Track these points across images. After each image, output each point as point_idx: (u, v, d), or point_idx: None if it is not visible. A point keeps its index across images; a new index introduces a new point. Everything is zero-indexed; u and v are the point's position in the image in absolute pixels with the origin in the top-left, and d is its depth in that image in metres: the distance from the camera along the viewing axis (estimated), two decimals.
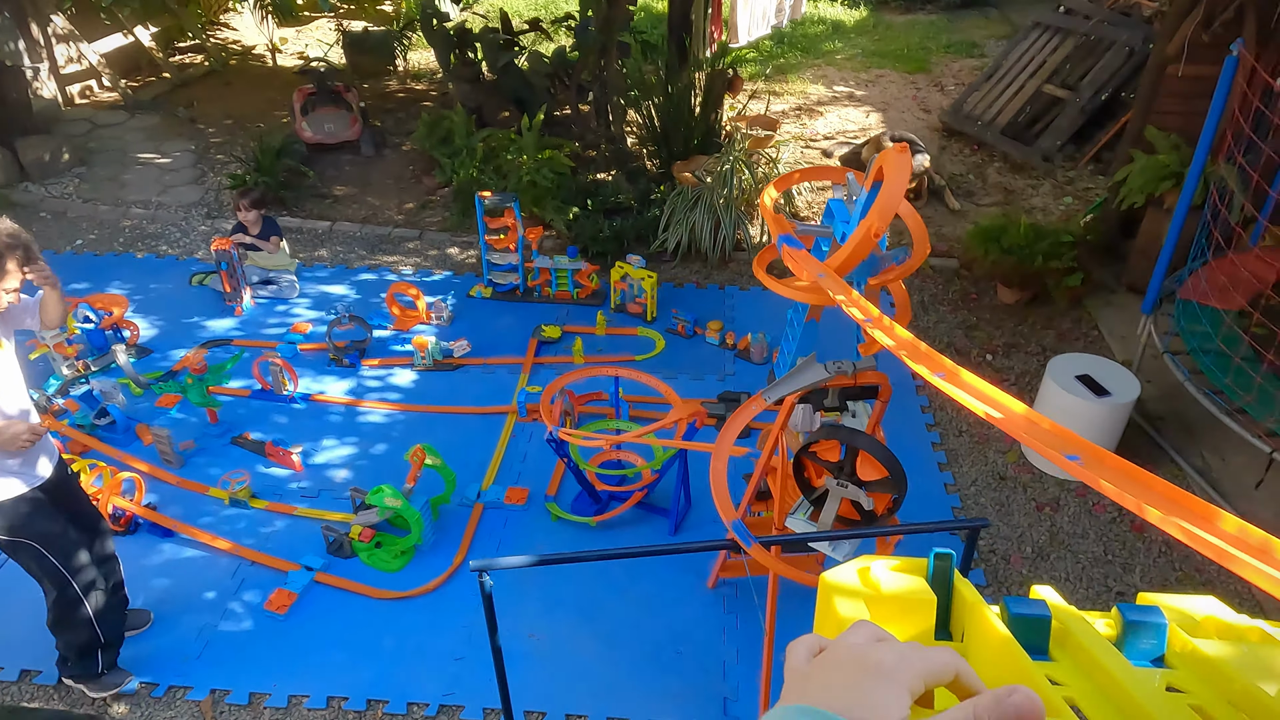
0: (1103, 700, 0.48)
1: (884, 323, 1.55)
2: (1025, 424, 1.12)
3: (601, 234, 5.81)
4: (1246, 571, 0.63)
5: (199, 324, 5.23)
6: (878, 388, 2.40)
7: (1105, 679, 0.48)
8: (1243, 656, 0.51)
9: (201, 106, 8.01)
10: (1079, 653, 0.51)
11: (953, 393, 1.25)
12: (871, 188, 2.07)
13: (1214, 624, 0.54)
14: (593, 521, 3.84)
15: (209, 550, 3.75)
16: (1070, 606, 0.56)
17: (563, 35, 9.10)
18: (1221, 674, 0.49)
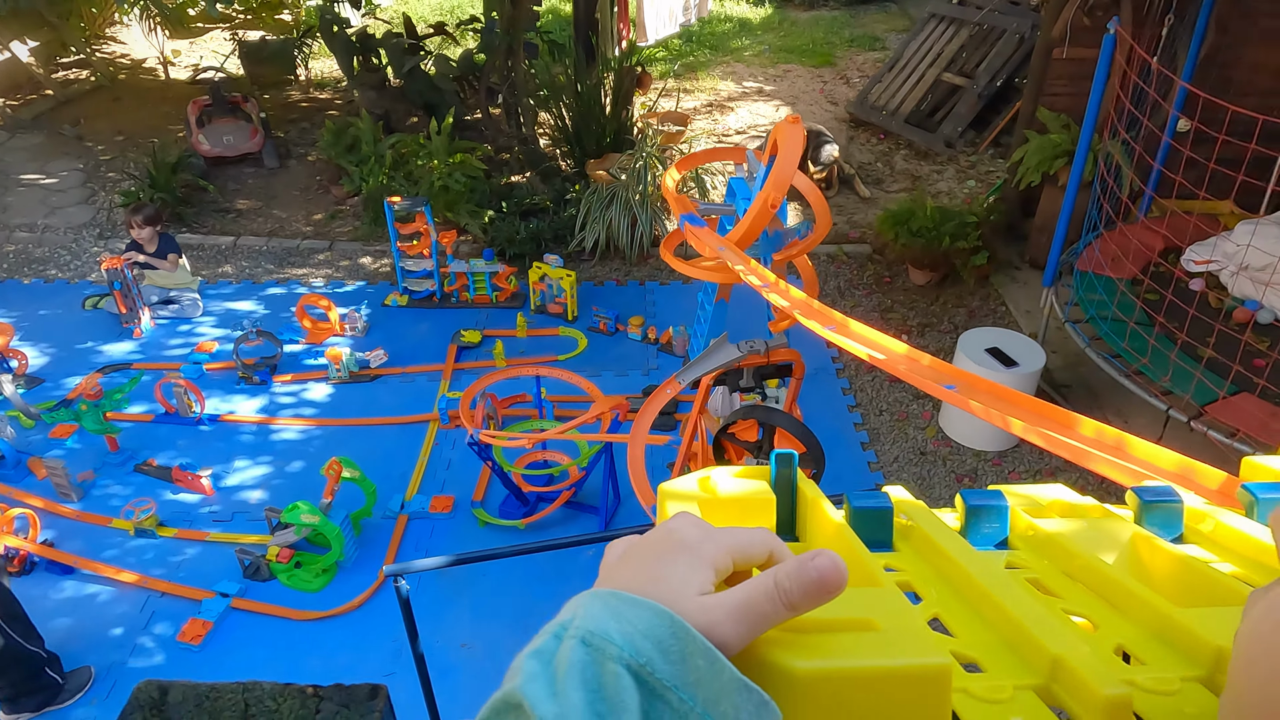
0: (940, 582, 0.47)
1: (779, 286, 1.56)
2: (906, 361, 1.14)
3: (518, 236, 5.74)
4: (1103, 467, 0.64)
5: (94, 349, 4.96)
6: (791, 365, 2.41)
7: (943, 562, 0.47)
8: (1081, 531, 0.51)
9: (89, 124, 7.62)
10: (921, 541, 0.50)
11: (843, 343, 1.26)
12: (768, 161, 2.09)
13: (1058, 506, 0.54)
14: (521, 524, 3.78)
15: (114, 584, 3.54)
16: (919, 501, 0.55)
17: (469, 39, 8.99)
18: (1058, 547, 0.49)
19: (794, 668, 0.36)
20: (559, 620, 0.36)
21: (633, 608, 0.36)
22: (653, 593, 0.36)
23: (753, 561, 0.40)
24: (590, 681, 0.33)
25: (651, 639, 0.34)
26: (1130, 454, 0.64)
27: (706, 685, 0.34)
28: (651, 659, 0.34)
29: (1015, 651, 0.41)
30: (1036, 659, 0.39)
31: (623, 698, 0.33)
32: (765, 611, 0.36)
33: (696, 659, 0.34)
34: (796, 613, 0.37)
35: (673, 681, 0.34)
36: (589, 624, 0.35)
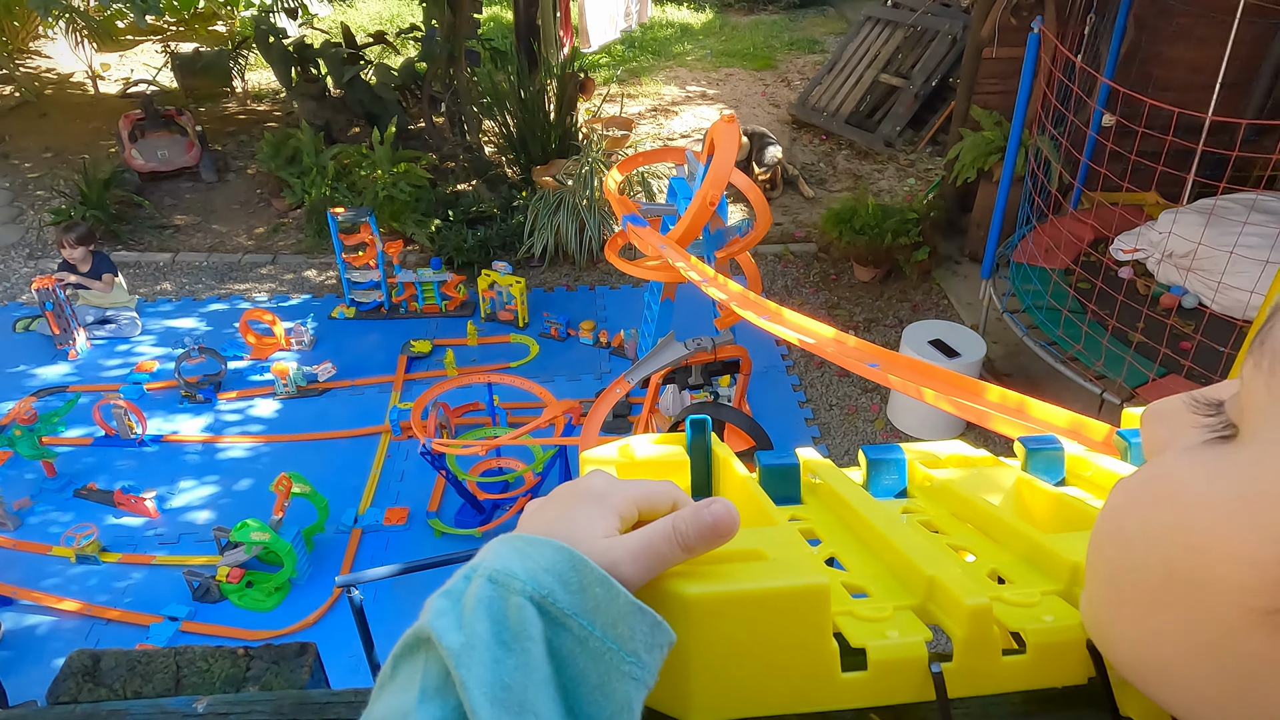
0: (841, 529, 0.50)
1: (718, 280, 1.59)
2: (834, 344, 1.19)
3: (466, 244, 5.71)
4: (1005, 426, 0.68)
5: (27, 372, 4.79)
6: (739, 361, 2.45)
7: (844, 509, 0.50)
8: (971, 478, 0.55)
9: (15, 140, 7.37)
10: (826, 494, 0.54)
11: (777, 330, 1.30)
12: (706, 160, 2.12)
13: (954, 460, 0.58)
14: (478, 533, 3.76)
15: (55, 614, 3.43)
16: (827, 460, 0.58)
17: (410, 48, 8.92)
18: (950, 494, 0.53)
19: (685, 593, 0.39)
20: (469, 564, 0.38)
21: (537, 547, 0.38)
22: (558, 534, 0.39)
23: (658, 510, 0.43)
24: (496, 614, 0.35)
25: (553, 573, 0.37)
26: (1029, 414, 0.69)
27: (604, 611, 0.36)
28: (553, 590, 0.36)
29: (899, 578, 0.44)
30: (915, 582, 0.42)
31: (526, 627, 0.35)
32: (663, 552, 0.39)
33: (594, 588, 0.37)
34: (692, 554, 0.39)
35: (572, 609, 0.36)
36: (496, 563, 0.37)
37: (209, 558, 3.64)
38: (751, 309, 1.41)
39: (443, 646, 0.34)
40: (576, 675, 0.35)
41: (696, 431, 0.54)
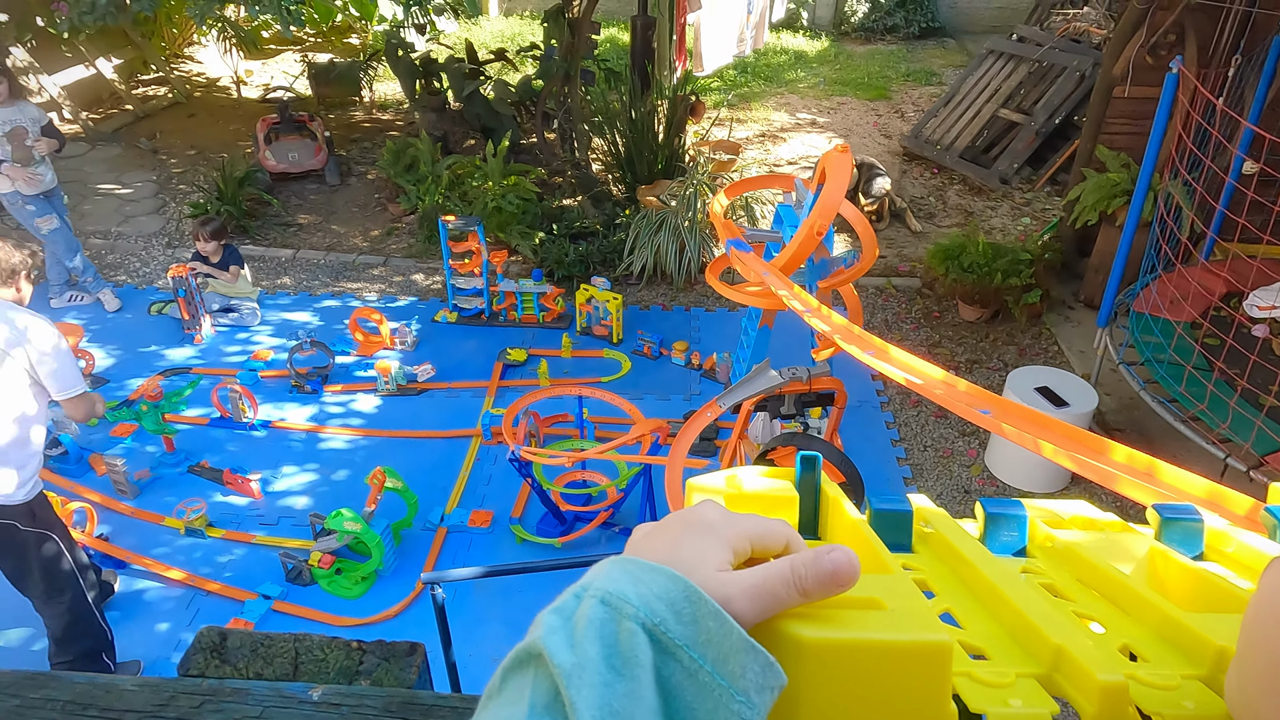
0: (955, 583, 0.48)
1: (821, 311, 1.56)
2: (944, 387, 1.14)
3: (567, 258, 5.82)
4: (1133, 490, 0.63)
5: (157, 353, 5.14)
6: (834, 394, 2.40)
7: (958, 563, 0.48)
8: (1099, 543, 0.51)
9: (164, 138, 7.96)
10: (939, 545, 0.51)
11: (881, 368, 1.26)
12: (816, 189, 2.10)
13: (1079, 520, 0.55)
14: (558, 543, 3.80)
15: (163, 581, 3.65)
16: (941, 509, 0.56)
17: (528, 65, 9.20)
18: (1075, 558, 0.50)
19: (801, 636, 0.37)
20: (580, 583, 0.38)
21: (650, 573, 0.38)
22: (671, 562, 0.39)
23: (770, 549, 0.42)
24: (607, 637, 0.35)
25: (665, 601, 0.36)
26: (1160, 479, 0.64)
27: (716, 645, 0.36)
28: (665, 619, 0.36)
29: (1021, 643, 0.42)
30: (1040, 649, 0.40)
31: (636, 653, 0.35)
32: (779, 594, 0.38)
33: (707, 621, 0.36)
34: (808, 599, 0.38)
35: (684, 641, 0.36)
36: (608, 585, 0.37)
37: (303, 542, 3.80)
38: (856, 344, 1.38)
39: (554, 664, 0.34)
40: (684, 708, 0.35)
41: (806, 468, 0.53)
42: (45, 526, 2.92)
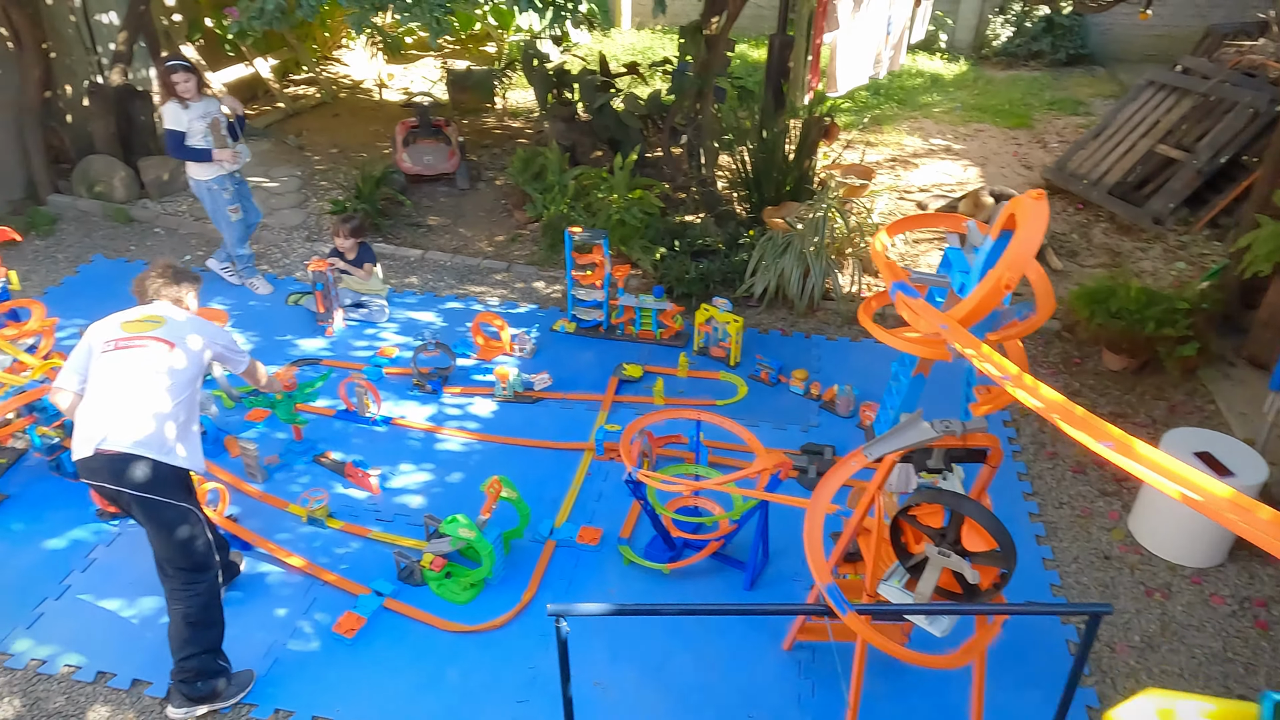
0: None
1: (1025, 381, 1.41)
2: (1235, 509, 0.98)
3: (688, 275, 5.76)
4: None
5: (291, 342, 5.37)
6: (987, 451, 2.23)
7: None
8: None
9: (310, 135, 8.37)
10: None
11: (1127, 466, 1.11)
12: (999, 236, 1.94)
13: None
14: (666, 569, 3.72)
15: (283, 567, 3.77)
16: None
17: (658, 79, 9.22)
18: None
19: None
20: None
21: None
22: None
23: None
24: None
25: None
26: None
27: None
28: None
29: None
30: None
31: None
32: None
33: None
34: None
35: None
36: None
37: (416, 541, 3.86)
38: (1083, 429, 1.23)
39: None
40: None
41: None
42: (193, 504, 3.08)
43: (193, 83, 5.15)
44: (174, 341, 3.09)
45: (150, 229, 6.71)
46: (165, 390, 3.01)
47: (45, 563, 3.75)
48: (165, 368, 3.04)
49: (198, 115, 5.21)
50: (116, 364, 3.01)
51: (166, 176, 7.06)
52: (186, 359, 3.10)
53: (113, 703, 3.21)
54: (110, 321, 3.13)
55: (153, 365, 3.02)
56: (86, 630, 3.46)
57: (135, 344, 3.04)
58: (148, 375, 3.00)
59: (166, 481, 2.97)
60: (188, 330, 3.17)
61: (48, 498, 4.10)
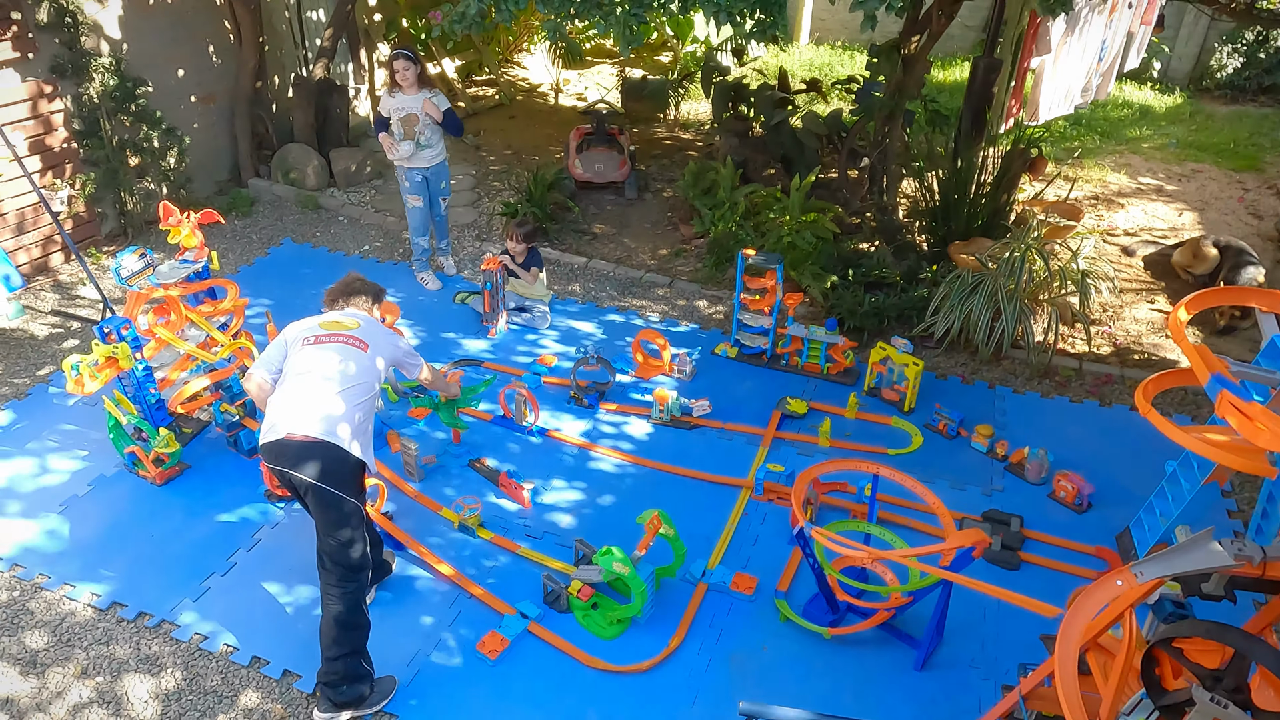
0: None
1: None
2: None
3: (861, 308, 5.40)
4: None
5: (455, 341, 5.41)
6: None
7: None
8: None
9: (486, 136, 8.55)
10: None
11: None
12: None
13: None
14: (827, 633, 3.40)
15: (432, 573, 3.72)
16: None
17: (838, 98, 8.85)
18: None
19: None
20: None
21: None
22: None
23: None
24: None
25: None
26: None
27: None
28: None
29: None
30: None
31: None
32: None
33: None
34: None
35: None
36: None
37: (565, 565, 3.73)
38: None
39: None
40: None
41: None
42: (362, 502, 3.12)
43: (411, 73, 5.33)
44: (368, 343, 3.22)
45: (335, 217, 7.00)
46: (353, 387, 3.11)
47: (215, 537, 3.88)
48: (356, 366, 3.14)
49: (397, 105, 5.38)
50: (313, 357, 3.12)
51: (354, 168, 7.37)
52: (374, 361, 3.22)
53: (263, 690, 3.24)
54: (309, 321, 3.29)
55: (346, 362, 3.13)
56: (246, 611, 3.53)
57: (333, 341, 3.17)
58: (340, 370, 3.10)
59: (342, 474, 3.01)
60: (378, 335, 3.31)
61: (223, 472, 4.26)
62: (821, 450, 4.48)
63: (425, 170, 5.64)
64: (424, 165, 5.60)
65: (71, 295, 5.83)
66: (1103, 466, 4.36)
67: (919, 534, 3.96)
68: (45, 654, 3.35)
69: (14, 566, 3.72)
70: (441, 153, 5.68)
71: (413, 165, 5.58)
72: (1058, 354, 5.28)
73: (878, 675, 3.31)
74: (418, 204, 5.73)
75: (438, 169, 5.69)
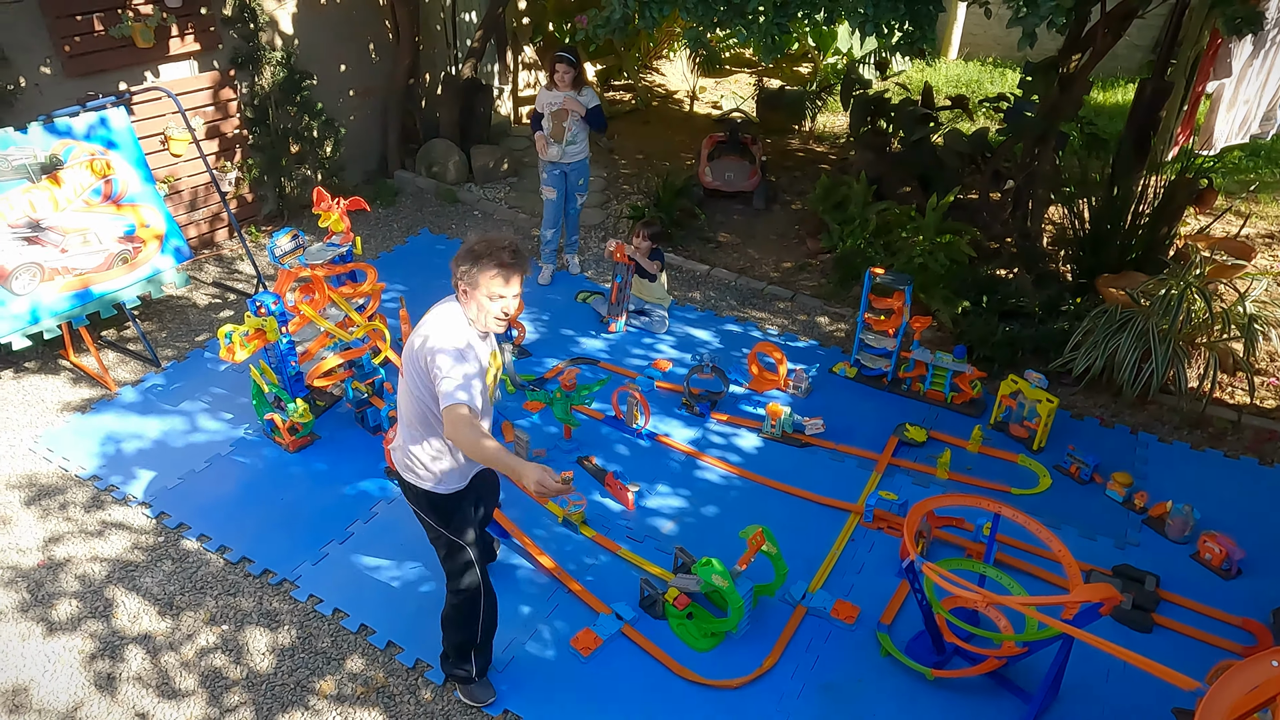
0: None
1: None
2: None
3: (993, 337, 5.13)
4: None
5: (573, 339, 5.50)
6: None
7: None
8: None
9: (620, 139, 8.66)
10: None
11: None
12: None
13: None
14: (930, 674, 3.24)
15: (534, 564, 3.79)
16: None
17: (984, 117, 8.48)
18: None
19: None
20: None
21: None
22: None
23: None
24: None
25: None
26: None
27: None
28: None
29: None
30: None
31: None
32: None
33: None
34: None
35: None
36: None
37: (663, 571, 3.72)
38: None
39: None
40: None
41: None
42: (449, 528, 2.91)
43: (570, 75, 5.49)
44: (403, 360, 2.74)
45: (470, 211, 7.27)
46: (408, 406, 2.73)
47: (337, 506, 4.09)
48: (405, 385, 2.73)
49: (550, 101, 5.56)
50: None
51: (492, 165, 7.63)
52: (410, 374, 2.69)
53: (368, 658, 3.38)
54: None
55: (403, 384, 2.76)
56: (358, 581, 3.70)
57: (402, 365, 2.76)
58: (401, 393, 2.79)
59: (418, 501, 2.86)
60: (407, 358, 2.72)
61: (349, 446, 4.49)
62: (939, 482, 4.28)
63: (566, 166, 5.77)
64: (566, 161, 5.74)
65: (231, 270, 6.30)
66: (1257, 531, 3.97)
67: (1039, 582, 3.72)
68: (180, 598, 3.63)
69: (161, 513, 4.05)
70: (584, 150, 5.79)
71: (554, 160, 5.73)
72: (1214, 403, 4.85)
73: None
74: (551, 196, 5.87)
75: (578, 166, 5.81)
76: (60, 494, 4.16)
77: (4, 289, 4.46)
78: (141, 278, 5.06)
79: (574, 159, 5.75)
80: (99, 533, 3.94)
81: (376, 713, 3.18)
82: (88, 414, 4.70)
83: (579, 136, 5.67)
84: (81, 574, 3.72)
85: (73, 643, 3.40)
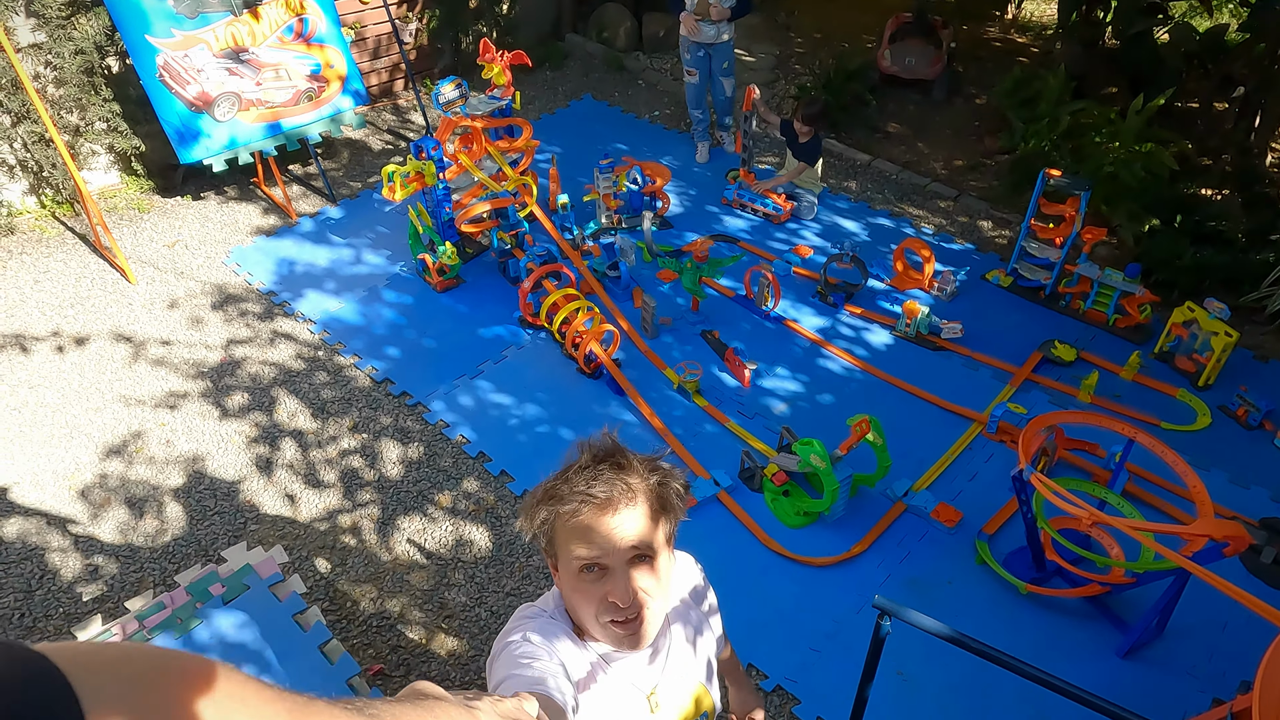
0: None
1: None
2: None
3: (1179, 261, 4.62)
4: None
5: (717, 216, 5.44)
6: None
7: None
8: None
9: (799, 16, 8.19)
10: None
11: None
12: None
13: None
14: (1024, 588, 3.15)
15: (644, 424, 3.93)
16: None
17: (1229, 13, 7.33)
18: None
19: None
20: None
21: None
22: None
23: None
24: None
25: None
26: None
27: None
28: None
29: None
30: None
31: None
32: None
33: None
34: None
35: None
36: None
37: (767, 448, 3.76)
38: None
39: None
40: None
41: None
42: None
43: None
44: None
45: (635, 79, 7.20)
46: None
47: (472, 345, 4.38)
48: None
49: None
50: None
51: (662, 34, 7.45)
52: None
53: (482, 480, 3.69)
54: None
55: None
56: (483, 414, 3.99)
57: None
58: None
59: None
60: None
61: (490, 292, 4.75)
62: (1079, 405, 4.01)
63: (709, 46, 5.57)
64: (707, 41, 5.54)
65: (404, 119, 6.62)
66: None
67: (1167, 520, 3.47)
68: (331, 405, 4.06)
69: (323, 331, 4.49)
70: (727, 30, 5.54)
71: (697, 39, 5.54)
72: None
73: (1068, 646, 3.03)
74: (693, 79, 5.72)
75: (721, 48, 5.60)
76: (242, 303, 4.69)
77: (207, 115, 4.92)
78: (324, 115, 5.42)
79: (716, 40, 5.53)
80: (270, 340, 4.44)
81: (484, 530, 3.49)
82: (271, 238, 5.21)
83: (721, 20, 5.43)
84: (253, 373, 4.23)
85: (241, 428, 3.92)
